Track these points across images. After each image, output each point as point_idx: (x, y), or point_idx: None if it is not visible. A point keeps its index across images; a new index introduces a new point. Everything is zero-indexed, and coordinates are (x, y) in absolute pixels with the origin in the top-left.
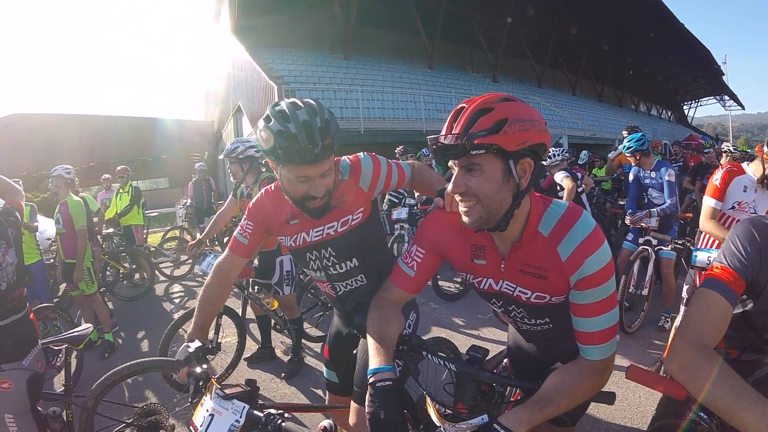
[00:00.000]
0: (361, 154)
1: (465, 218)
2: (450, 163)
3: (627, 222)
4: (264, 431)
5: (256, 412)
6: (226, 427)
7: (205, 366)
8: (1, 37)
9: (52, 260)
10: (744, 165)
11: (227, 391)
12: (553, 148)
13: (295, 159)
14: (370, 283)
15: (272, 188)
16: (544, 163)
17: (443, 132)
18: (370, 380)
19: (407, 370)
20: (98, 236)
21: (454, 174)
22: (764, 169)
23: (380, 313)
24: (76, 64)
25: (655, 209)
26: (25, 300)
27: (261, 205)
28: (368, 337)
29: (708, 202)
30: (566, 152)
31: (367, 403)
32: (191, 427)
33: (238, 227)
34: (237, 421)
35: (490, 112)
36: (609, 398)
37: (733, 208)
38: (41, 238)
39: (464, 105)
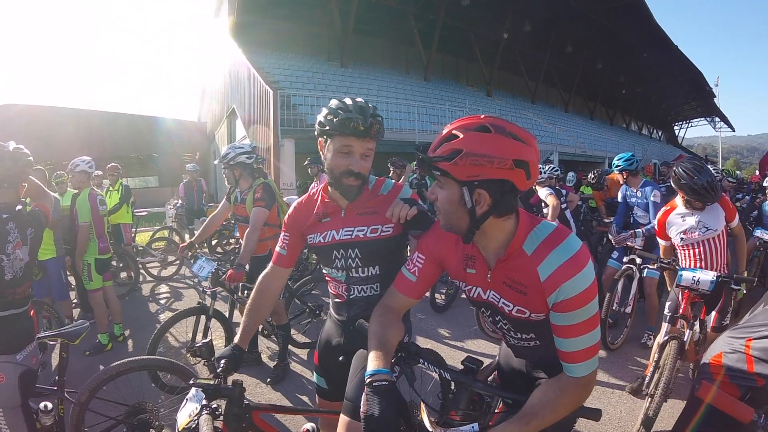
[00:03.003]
0: (407, 184)
1: None
2: None
3: (612, 241)
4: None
5: (204, 402)
6: (188, 413)
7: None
8: (3, 26)
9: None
10: (676, 199)
11: (199, 381)
12: (541, 165)
13: (345, 129)
14: (382, 294)
15: (303, 200)
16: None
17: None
18: (368, 380)
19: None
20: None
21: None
22: (682, 198)
23: (382, 320)
24: (73, 58)
25: (640, 230)
26: (28, 297)
27: (294, 214)
28: (368, 341)
29: (659, 242)
30: (555, 170)
31: (362, 401)
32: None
33: (279, 241)
34: (196, 407)
35: (454, 139)
36: (595, 415)
37: (683, 239)
38: None
39: (451, 125)
